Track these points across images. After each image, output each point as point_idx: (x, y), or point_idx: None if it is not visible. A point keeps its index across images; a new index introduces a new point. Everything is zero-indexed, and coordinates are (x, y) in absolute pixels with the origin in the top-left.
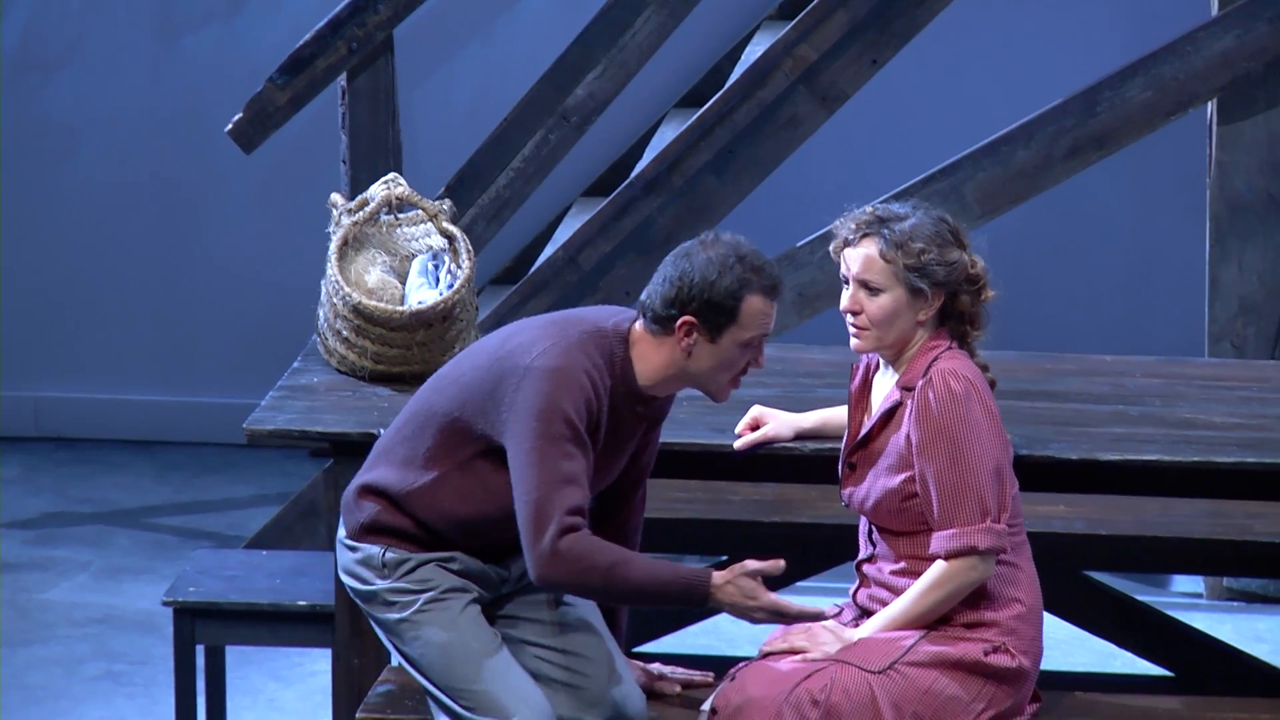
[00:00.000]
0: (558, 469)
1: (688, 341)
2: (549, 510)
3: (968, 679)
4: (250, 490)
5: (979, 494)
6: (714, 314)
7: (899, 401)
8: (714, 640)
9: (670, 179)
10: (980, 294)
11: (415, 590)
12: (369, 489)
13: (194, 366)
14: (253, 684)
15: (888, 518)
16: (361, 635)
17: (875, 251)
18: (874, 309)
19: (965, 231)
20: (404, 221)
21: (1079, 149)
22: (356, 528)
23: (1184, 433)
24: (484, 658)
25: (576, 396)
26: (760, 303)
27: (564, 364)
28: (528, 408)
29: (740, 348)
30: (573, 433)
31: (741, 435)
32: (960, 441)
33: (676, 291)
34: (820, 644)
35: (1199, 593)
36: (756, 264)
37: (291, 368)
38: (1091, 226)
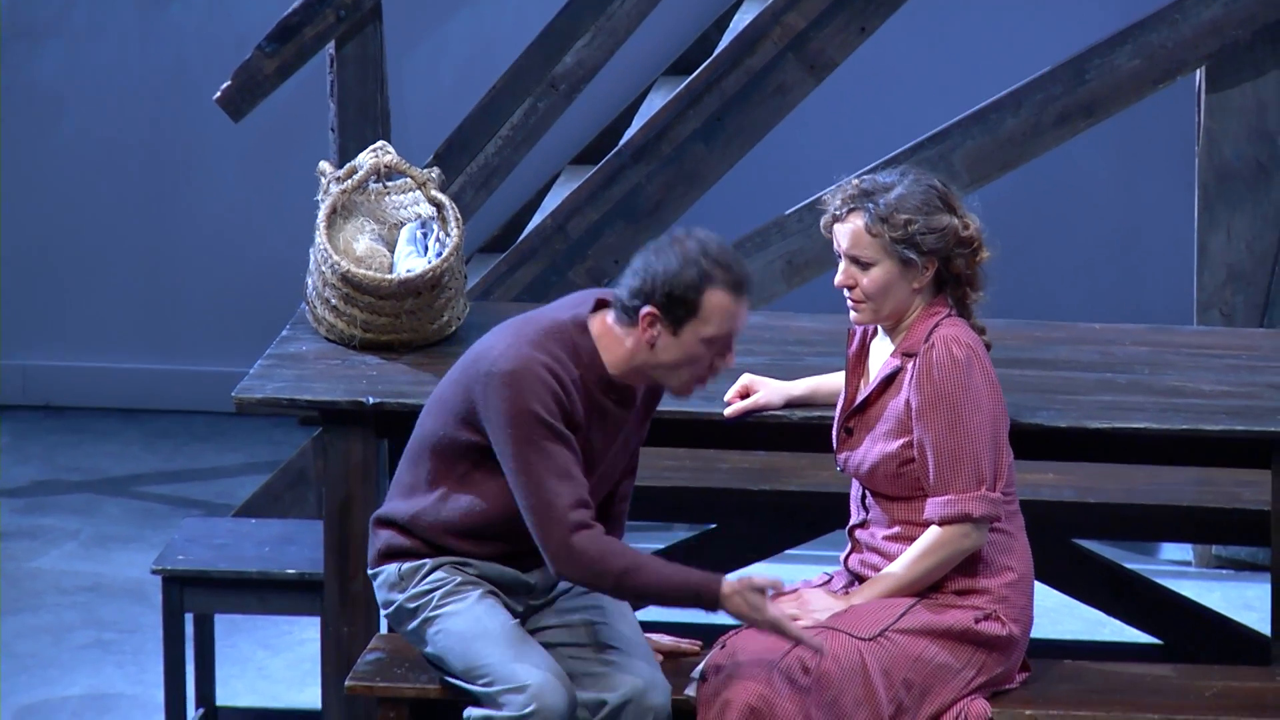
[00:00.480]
0: (546, 469)
1: (650, 333)
2: (551, 512)
3: (958, 646)
4: (239, 459)
5: (976, 461)
6: (675, 306)
7: (899, 367)
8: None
9: (659, 147)
10: (975, 256)
11: (431, 589)
12: (381, 520)
13: (183, 335)
14: (241, 652)
15: (884, 482)
16: (350, 603)
17: (862, 226)
18: (867, 283)
19: (956, 195)
20: (392, 189)
21: (1068, 117)
22: (375, 556)
23: (1172, 401)
24: (499, 635)
25: (541, 393)
26: (722, 298)
27: (519, 365)
28: (499, 417)
29: (703, 343)
30: (548, 430)
31: (731, 403)
32: (960, 408)
33: (641, 282)
34: (811, 611)
35: (1187, 560)
36: (723, 260)
37: (280, 336)
38: (1080, 194)
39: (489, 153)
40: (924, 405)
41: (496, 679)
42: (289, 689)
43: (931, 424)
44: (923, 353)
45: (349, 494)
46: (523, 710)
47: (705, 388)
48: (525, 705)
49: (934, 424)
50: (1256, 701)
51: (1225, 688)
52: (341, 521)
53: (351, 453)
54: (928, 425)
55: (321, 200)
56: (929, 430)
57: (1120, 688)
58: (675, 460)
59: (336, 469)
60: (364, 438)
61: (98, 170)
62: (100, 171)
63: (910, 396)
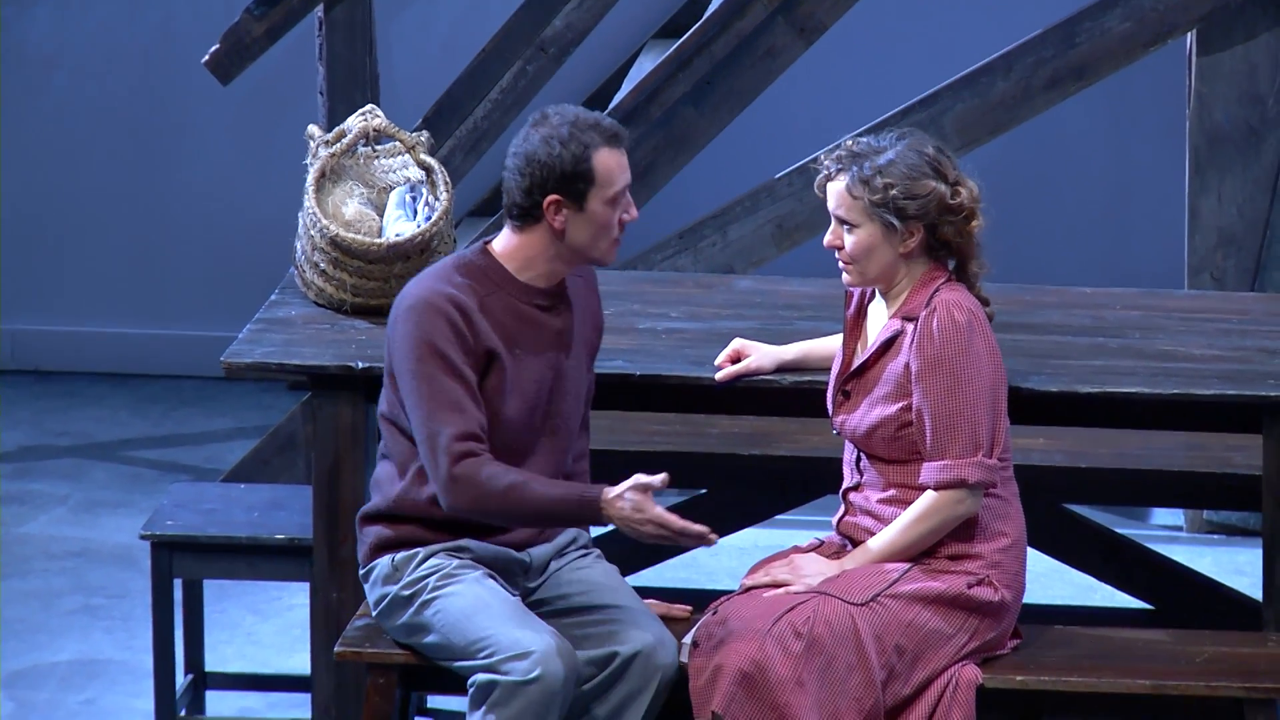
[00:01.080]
0: (436, 400)
1: (559, 219)
2: (436, 441)
3: (950, 612)
4: (228, 423)
5: (973, 427)
6: (573, 183)
7: (899, 330)
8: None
9: (648, 110)
10: (967, 223)
11: (428, 575)
12: (366, 517)
13: (171, 299)
14: (230, 618)
15: (881, 446)
16: (340, 569)
17: (844, 187)
18: (851, 245)
19: (953, 160)
20: (381, 153)
21: (1058, 80)
22: (365, 554)
23: (1163, 365)
24: (500, 609)
25: (437, 322)
26: (609, 155)
27: (416, 299)
28: (399, 353)
29: (608, 205)
30: (442, 361)
31: (721, 368)
32: (959, 372)
33: (530, 179)
34: (803, 576)
35: (1179, 525)
36: (589, 121)
37: (269, 300)
38: (1071, 158)
39: (478, 116)
40: (923, 369)
41: (499, 648)
42: (278, 655)
43: (930, 388)
44: (924, 316)
45: (338, 459)
46: (527, 675)
47: (620, 243)
48: (530, 670)
49: (933, 388)
50: (1248, 667)
51: (1216, 653)
52: (330, 486)
53: (340, 417)
54: (926, 389)
55: (310, 164)
56: (927, 394)
57: (1111, 653)
58: (665, 425)
59: (325, 434)
60: (353, 402)
61: (86, 134)
62: (88, 135)
63: (910, 360)
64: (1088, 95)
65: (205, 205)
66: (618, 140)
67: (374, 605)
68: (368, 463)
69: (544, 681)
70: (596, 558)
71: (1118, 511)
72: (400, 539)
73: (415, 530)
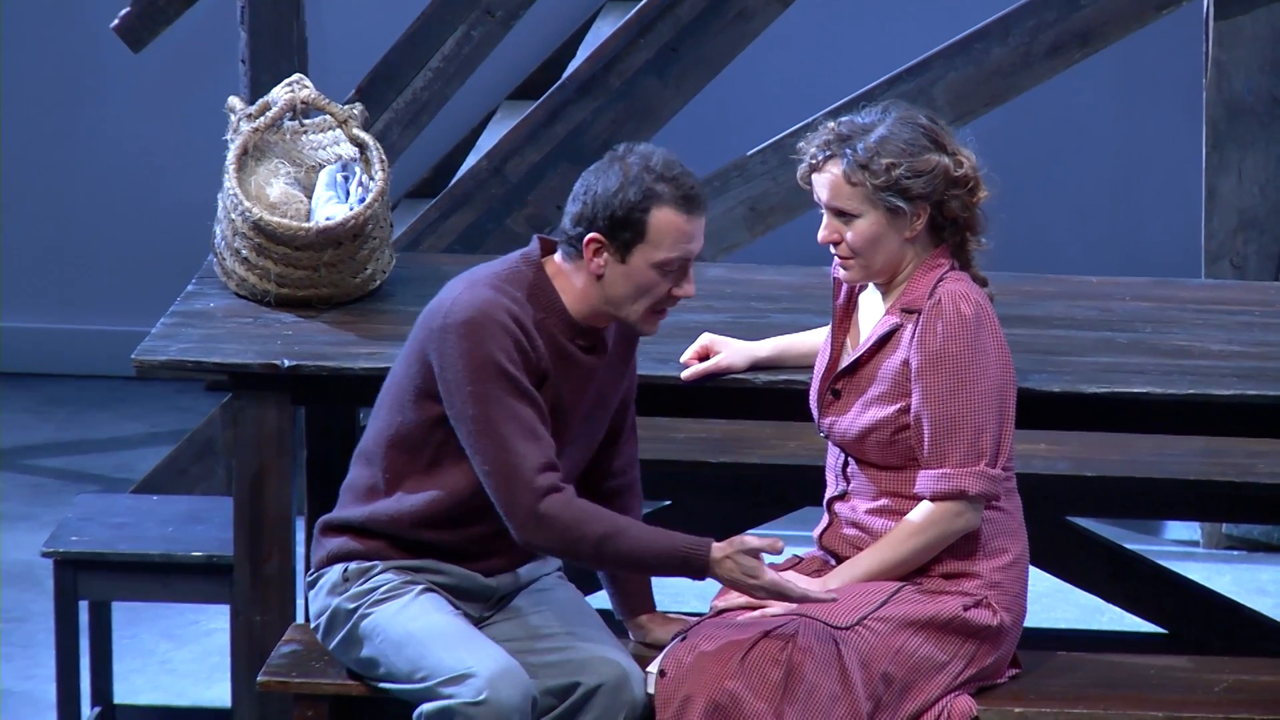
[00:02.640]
0: (509, 428)
1: (597, 262)
2: (517, 474)
3: (944, 636)
4: (140, 428)
5: (977, 432)
6: (620, 230)
7: (898, 324)
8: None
9: (607, 80)
10: (972, 196)
11: (374, 588)
12: (332, 525)
13: (77, 290)
14: (143, 644)
15: (874, 451)
16: (264, 589)
17: (840, 174)
18: (853, 237)
19: (947, 130)
20: (310, 128)
21: (1061, 46)
22: (320, 559)
23: (1178, 362)
24: (445, 629)
25: (502, 340)
26: (672, 216)
27: (477, 312)
28: (456, 372)
29: (654, 269)
30: (510, 383)
31: (689, 365)
32: (964, 371)
33: (582, 208)
34: None
35: (1195, 540)
36: (669, 174)
37: (185, 291)
38: (1075, 133)
39: (417, 87)
40: (924, 366)
41: (445, 670)
42: (195, 684)
43: (931, 387)
44: (927, 309)
45: (262, 467)
46: (476, 697)
47: (666, 317)
48: (478, 692)
49: (934, 387)
50: (1272, 696)
51: (1237, 681)
52: (254, 498)
53: (265, 421)
54: (927, 389)
55: (231, 140)
56: (927, 394)
57: (1120, 681)
58: None
59: (248, 439)
60: (278, 404)
61: None
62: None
63: (910, 356)
64: (1094, 63)
65: (115, 186)
66: (692, 205)
67: (315, 617)
68: (295, 470)
69: (492, 706)
70: (559, 578)
71: (1127, 525)
72: (363, 551)
73: (382, 546)
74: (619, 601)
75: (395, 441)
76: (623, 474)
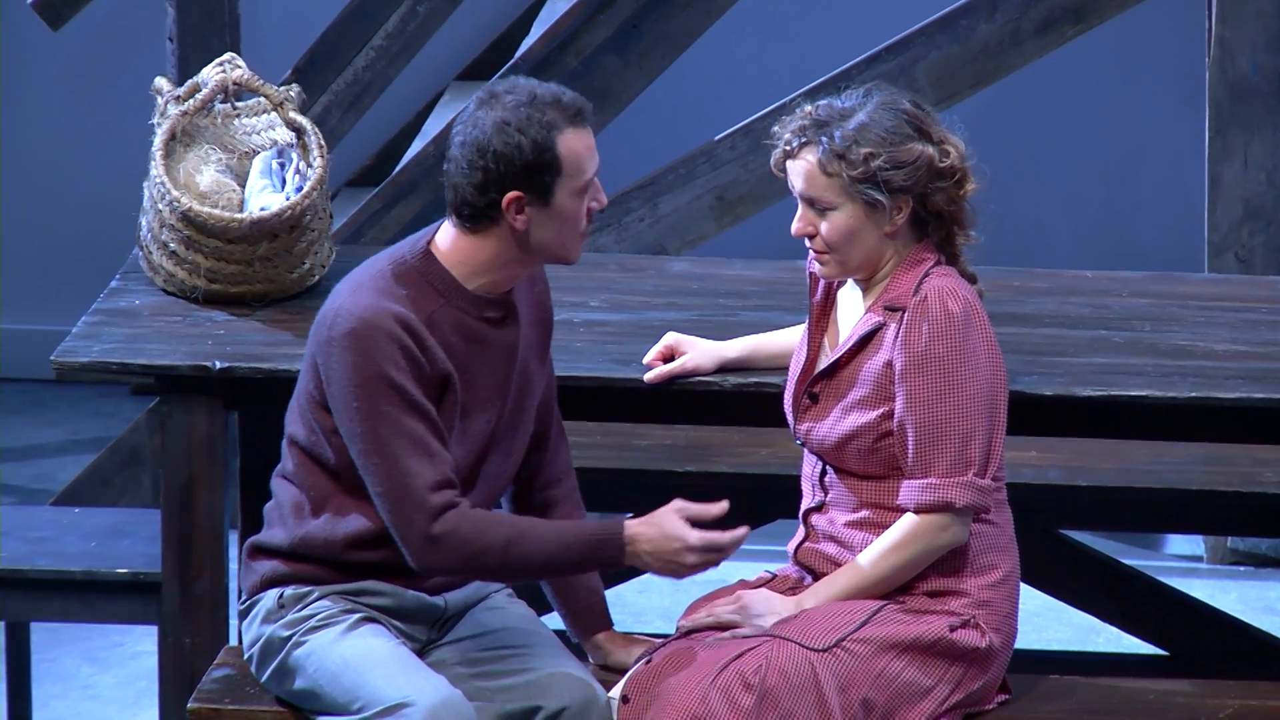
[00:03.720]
0: (398, 443)
1: (522, 219)
2: (408, 494)
3: (929, 660)
4: (60, 435)
5: (965, 439)
6: (537, 176)
7: (880, 323)
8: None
9: (563, 59)
10: (959, 189)
11: (311, 615)
12: (261, 549)
13: None
14: (64, 668)
15: (854, 459)
16: (195, 608)
17: (815, 163)
18: (828, 231)
19: (934, 116)
20: (243, 111)
21: (1052, 23)
22: (254, 585)
23: (1179, 363)
24: (385, 657)
25: (389, 349)
26: (575, 136)
27: (359, 322)
28: (342, 388)
29: (577, 196)
30: (400, 397)
31: (652, 366)
32: (952, 373)
33: (483, 174)
34: (753, 616)
35: (1198, 555)
36: (549, 98)
37: (109, 288)
38: (1068, 116)
39: (359, 66)
40: (909, 367)
41: (383, 700)
42: (120, 711)
43: (916, 390)
44: (912, 306)
45: (192, 477)
46: None
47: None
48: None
49: (919, 391)
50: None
51: (1243, 707)
52: (183, 510)
53: (194, 427)
54: (911, 392)
55: (158, 124)
56: (912, 398)
57: (1117, 707)
58: (583, 436)
59: (177, 447)
60: (209, 409)
61: None
62: None
63: (894, 357)
64: (1088, 41)
65: (31, 174)
66: (583, 118)
67: (248, 646)
68: (227, 480)
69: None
70: (509, 596)
71: (1124, 539)
72: (297, 575)
73: (318, 570)
74: (572, 620)
75: (310, 459)
76: (557, 483)
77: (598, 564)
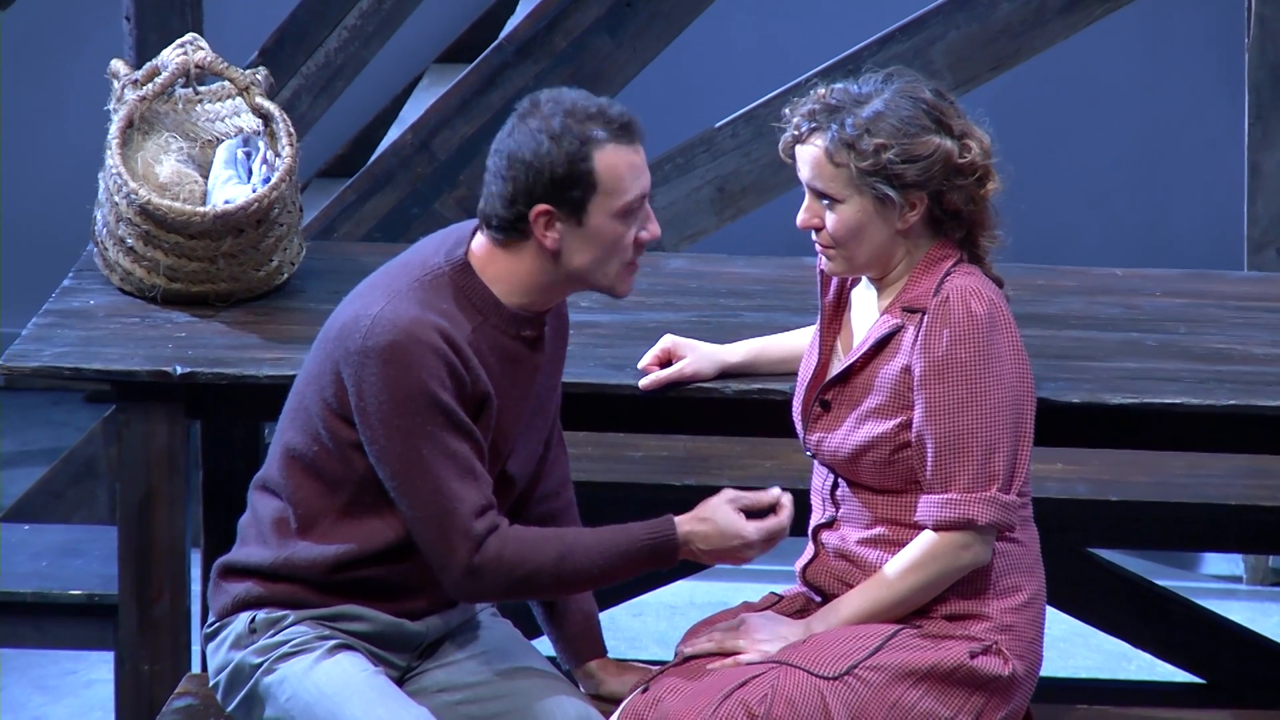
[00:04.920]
0: (443, 466)
1: (551, 236)
2: (453, 520)
3: (947, 688)
4: (8, 445)
5: (988, 451)
6: (567, 190)
7: (899, 326)
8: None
9: (551, 40)
10: (980, 187)
11: (284, 641)
12: (233, 569)
13: None
14: (12, 697)
15: (869, 472)
16: (153, 633)
17: (822, 152)
18: (834, 224)
19: (957, 108)
20: (206, 96)
21: (1078, 1)
22: (224, 607)
23: (1215, 368)
24: (364, 687)
25: (434, 365)
26: (617, 153)
27: (402, 334)
28: (378, 404)
29: (617, 219)
30: (445, 415)
31: (648, 372)
32: (975, 380)
33: (512, 183)
34: (758, 641)
35: (1237, 576)
36: (594, 111)
37: (61, 287)
38: (1096, 102)
39: (330, 48)
40: (928, 373)
41: None
42: None
43: (936, 398)
44: (933, 307)
45: (150, 490)
46: None
47: (638, 268)
48: None
49: (939, 399)
50: None
51: None
52: (141, 527)
53: (153, 437)
54: (931, 400)
55: (114, 110)
56: (932, 406)
57: None
58: (574, 447)
59: (134, 458)
60: (170, 418)
61: None
62: None
63: (913, 362)
64: (1118, 20)
65: None
66: (629, 134)
67: (215, 672)
68: (189, 495)
69: None
70: (492, 616)
71: (1158, 558)
72: (274, 597)
73: (296, 592)
74: (563, 646)
75: (307, 473)
76: (556, 496)
77: (652, 567)
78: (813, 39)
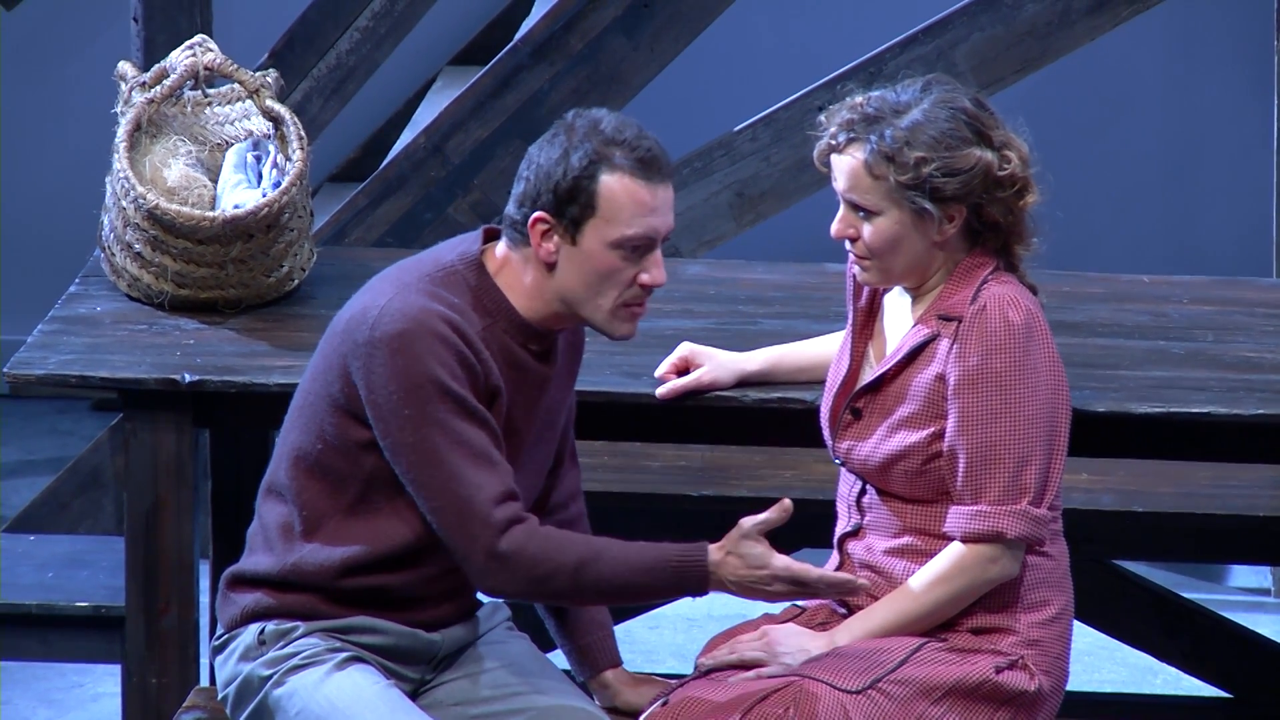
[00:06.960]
0: (458, 454)
1: (547, 247)
2: (471, 508)
3: (972, 704)
4: (13, 454)
5: (1021, 463)
6: (566, 204)
7: (933, 334)
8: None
9: (567, 41)
10: (1019, 199)
11: (294, 654)
12: (241, 580)
13: None
14: (18, 711)
15: (900, 481)
16: (161, 645)
17: (861, 163)
18: (870, 236)
19: (997, 118)
20: (215, 99)
21: (1106, 2)
22: (233, 618)
23: (1244, 377)
24: (370, 699)
25: (443, 354)
26: (626, 183)
27: (410, 322)
28: (388, 395)
29: (612, 250)
30: (456, 402)
31: (665, 380)
32: (1010, 390)
33: (525, 185)
34: (779, 654)
35: (1265, 588)
36: (621, 136)
37: (67, 293)
38: (1123, 104)
39: (342, 50)
40: (962, 382)
41: None
42: None
43: (969, 408)
44: (969, 316)
45: (158, 501)
46: None
47: (641, 314)
48: None
49: (972, 409)
50: None
51: None
52: (148, 537)
53: (161, 447)
54: (964, 410)
55: (121, 113)
56: (964, 416)
57: None
58: (590, 457)
59: (142, 468)
60: (178, 427)
61: None
62: None
63: (947, 370)
64: (1145, 21)
65: None
66: (646, 170)
67: (223, 685)
68: (197, 505)
69: None
70: (508, 629)
71: (1185, 570)
72: (283, 608)
73: (307, 602)
74: (577, 657)
75: (312, 473)
76: (564, 508)
77: (678, 592)
78: (834, 41)
